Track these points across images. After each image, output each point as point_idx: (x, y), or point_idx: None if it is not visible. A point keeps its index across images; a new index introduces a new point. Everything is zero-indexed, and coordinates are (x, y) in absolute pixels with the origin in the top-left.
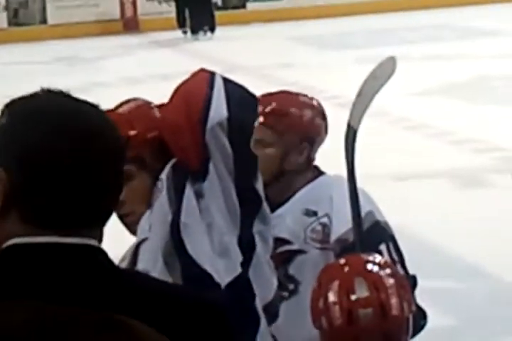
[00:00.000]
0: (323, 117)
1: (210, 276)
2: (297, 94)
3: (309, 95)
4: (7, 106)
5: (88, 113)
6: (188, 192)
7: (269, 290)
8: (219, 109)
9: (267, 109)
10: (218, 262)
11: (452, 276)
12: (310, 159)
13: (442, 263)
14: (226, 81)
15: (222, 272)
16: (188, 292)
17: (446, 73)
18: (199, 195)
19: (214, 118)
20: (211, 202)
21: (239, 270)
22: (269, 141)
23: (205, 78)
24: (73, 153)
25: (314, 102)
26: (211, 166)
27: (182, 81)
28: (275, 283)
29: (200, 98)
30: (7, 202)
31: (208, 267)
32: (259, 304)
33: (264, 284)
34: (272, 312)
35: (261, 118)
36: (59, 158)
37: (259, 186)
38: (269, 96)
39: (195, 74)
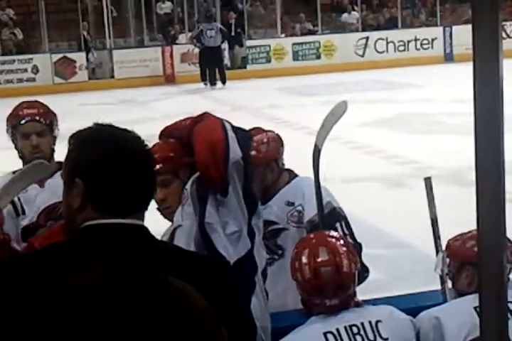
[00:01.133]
0: (282, 143)
1: (223, 256)
2: (263, 132)
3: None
4: (72, 136)
5: (131, 136)
6: (210, 201)
7: (263, 261)
8: (235, 150)
9: None
10: (230, 247)
11: (384, 246)
12: (280, 169)
13: (377, 237)
14: (232, 126)
15: (232, 254)
16: (206, 256)
17: (379, 112)
18: (220, 203)
19: (233, 158)
20: (230, 208)
21: (243, 253)
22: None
23: (218, 125)
24: (127, 164)
25: (275, 135)
26: (230, 188)
27: (198, 124)
28: (265, 255)
29: (221, 143)
30: (84, 199)
31: (221, 251)
32: (259, 272)
33: (260, 257)
34: (264, 274)
35: None
36: (118, 168)
37: (256, 194)
38: None
39: (206, 119)
